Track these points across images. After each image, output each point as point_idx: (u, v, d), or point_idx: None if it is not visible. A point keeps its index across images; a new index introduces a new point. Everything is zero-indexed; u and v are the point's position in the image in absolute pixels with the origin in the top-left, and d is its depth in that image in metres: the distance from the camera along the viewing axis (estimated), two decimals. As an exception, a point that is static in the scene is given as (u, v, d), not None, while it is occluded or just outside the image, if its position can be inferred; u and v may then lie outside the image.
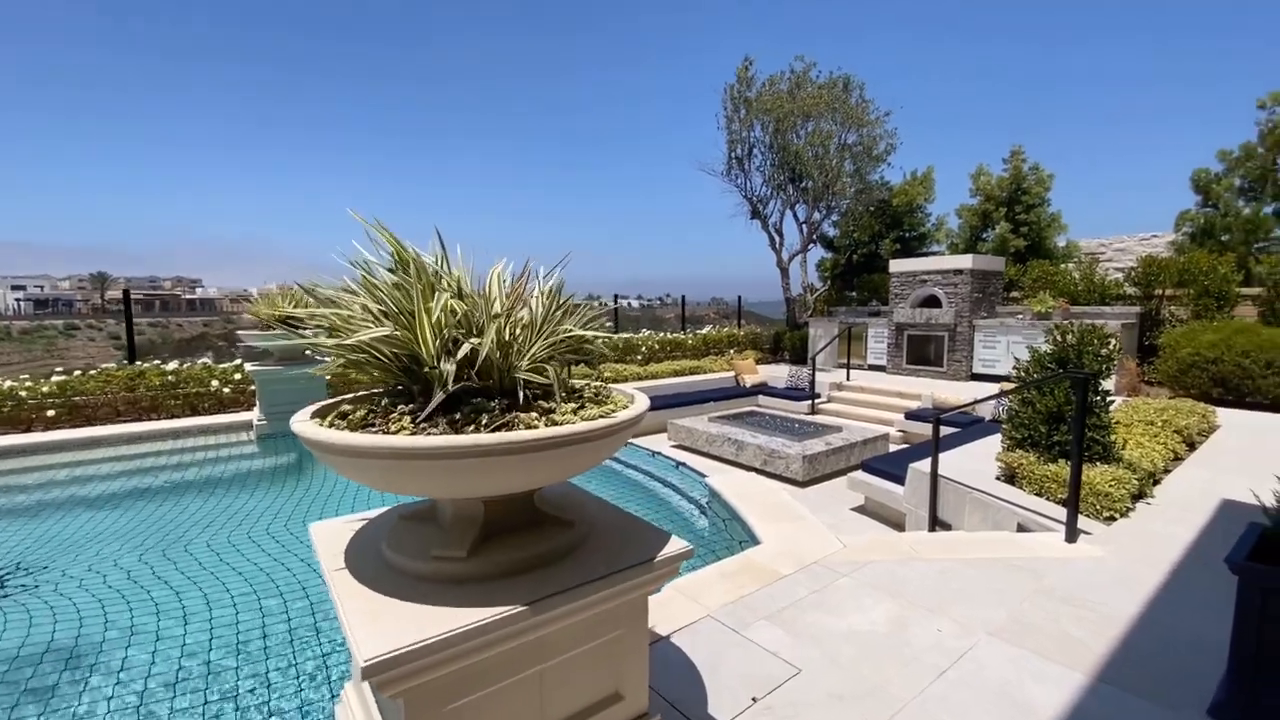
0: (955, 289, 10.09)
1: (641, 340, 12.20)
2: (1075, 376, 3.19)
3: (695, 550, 1.72)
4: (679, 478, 5.50)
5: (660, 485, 5.57)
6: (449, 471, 1.29)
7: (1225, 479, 4.50)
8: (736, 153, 12.54)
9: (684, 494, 5.24)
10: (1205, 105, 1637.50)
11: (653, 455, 6.10)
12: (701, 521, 4.47)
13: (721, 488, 4.45)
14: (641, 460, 6.18)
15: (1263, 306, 8.30)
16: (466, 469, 1.28)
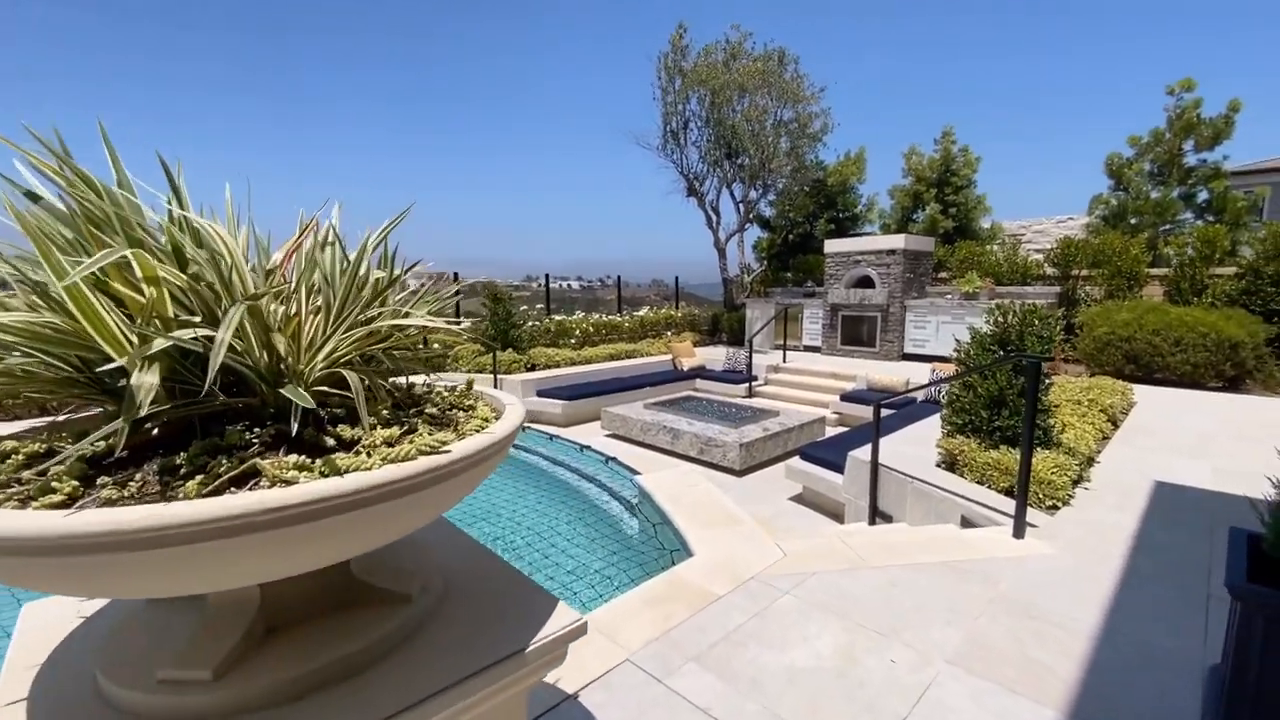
0: (888, 269, 10.09)
1: (575, 323, 11.61)
2: (1027, 361, 2.93)
3: (587, 625, 1.24)
4: (609, 475, 5.04)
5: (589, 484, 5.10)
6: (133, 568, 0.74)
7: (1153, 459, 4.50)
8: (672, 126, 12.04)
9: (614, 494, 4.79)
10: (1121, 90, 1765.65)
11: (581, 450, 5.61)
12: (632, 525, 4.04)
13: (653, 488, 4.02)
14: (570, 456, 5.69)
15: (1169, 286, 8.71)
16: (166, 562, 0.74)
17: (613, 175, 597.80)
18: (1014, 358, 3.17)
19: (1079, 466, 3.89)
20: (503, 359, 8.96)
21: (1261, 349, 7.25)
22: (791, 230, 13.96)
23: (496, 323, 9.43)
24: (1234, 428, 5.46)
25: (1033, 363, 2.96)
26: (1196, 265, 8.42)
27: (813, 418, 7.17)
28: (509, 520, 4.20)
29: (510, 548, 3.74)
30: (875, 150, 15.42)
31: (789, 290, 13.13)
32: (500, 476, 5.32)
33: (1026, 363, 2.96)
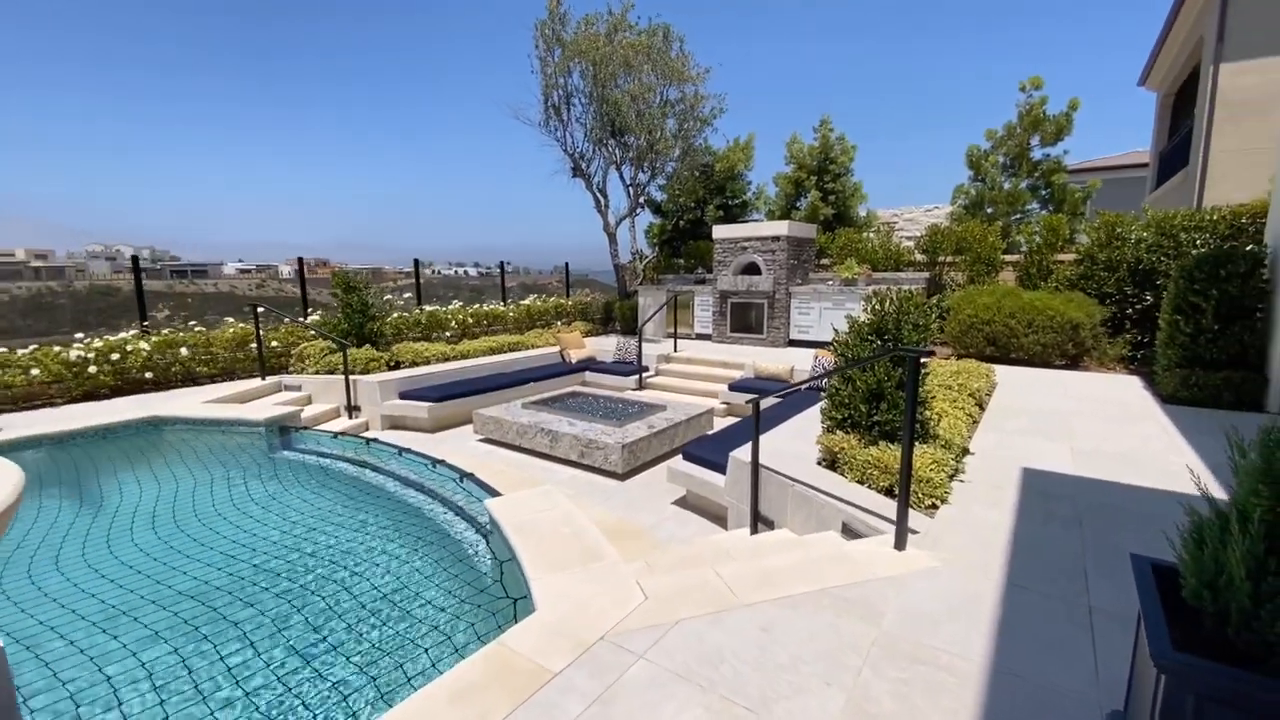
0: (773, 256, 10.05)
1: (451, 314, 10.57)
2: (907, 355, 2.62)
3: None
4: (466, 497, 4.32)
5: (441, 508, 4.35)
6: None
7: (1018, 442, 4.54)
8: (553, 100, 11.22)
9: (470, 519, 4.09)
10: (984, 84, 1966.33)
11: (433, 466, 4.82)
12: (485, 562, 3.37)
13: (503, 515, 3.38)
14: (425, 474, 4.88)
15: (1020, 271, 9.34)
16: None
17: (510, 155, 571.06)
18: (893, 351, 2.87)
19: (955, 460, 3.76)
20: (357, 357, 7.82)
21: (1097, 329, 7.89)
22: (682, 216, 13.70)
23: (350, 316, 8.23)
24: (1082, 405, 5.76)
25: (911, 356, 2.64)
26: (1043, 252, 9.08)
27: (701, 410, 6.85)
28: (323, 570, 3.37)
29: (312, 612, 2.94)
30: (763, 139, 15.53)
31: (681, 277, 12.87)
32: (330, 504, 4.42)
33: (907, 357, 2.64)
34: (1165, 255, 7.90)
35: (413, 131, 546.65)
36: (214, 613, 2.91)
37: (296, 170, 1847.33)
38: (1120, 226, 8.35)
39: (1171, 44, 13.59)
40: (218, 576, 3.28)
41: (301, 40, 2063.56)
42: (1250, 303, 5.60)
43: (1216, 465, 4.02)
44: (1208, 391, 5.66)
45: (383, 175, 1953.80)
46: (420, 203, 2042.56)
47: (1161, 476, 3.82)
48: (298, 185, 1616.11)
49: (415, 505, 4.44)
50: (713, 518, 4.74)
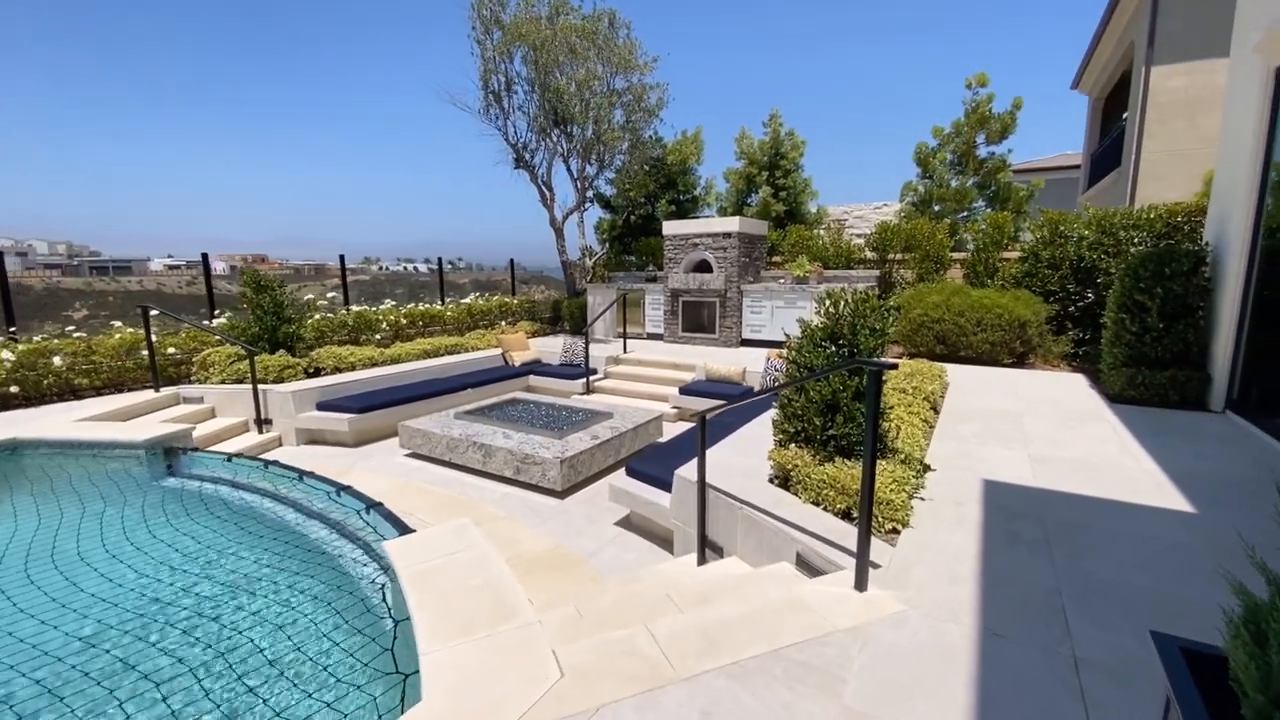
0: (725, 253, 9.74)
1: (382, 314, 9.79)
2: (868, 367, 2.25)
3: None
4: (375, 533, 3.74)
5: (346, 546, 3.76)
6: None
7: (976, 451, 4.31)
8: (493, 86, 10.56)
9: (377, 558, 3.53)
10: (932, 80, 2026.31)
11: (337, 494, 4.21)
12: (383, 622, 2.83)
13: (403, 562, 2.85)
14: (329, 504, 4.26)
15: (967, 269, 9.33)
16: None
17: (464, 145, 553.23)
18: (852, 363, 2.50)
19: (916, 476, 3.46)
20: (269, 363, 7.04)
21: (1042, 327, 7.91)
22: (633, 211, 13.26)
23: (262, 318, 7.42)
24: (1033, 406, 5.64)
25: (873, 370, 2.28)
26: (989, 250, 9.09)
27: (649, 417, 6.44)
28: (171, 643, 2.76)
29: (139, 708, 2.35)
30: (713, 133, 15.24)
31: (632, 274, 12.45)
32: (204, 548, 3.76)
33: (868, 370, 2.27)
34: (1106, 253, 7.99)
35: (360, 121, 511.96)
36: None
37: (235, 162, 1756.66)
38: (1063, 224, 8.40)
39: (1103, 49, 14.04)
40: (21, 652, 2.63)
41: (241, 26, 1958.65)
42: (1193, 301, 5.59)
43: (1174, 471, 3.87)
44: (1154, 390, 5.63)
45: (328, 167, 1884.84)
46: (370, 196, 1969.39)
47: (1121, 485, 3.64)
48: (237, 178, 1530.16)
49: (314, 544, 3.83)
50: (660, 540, 4.33)
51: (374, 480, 5.65)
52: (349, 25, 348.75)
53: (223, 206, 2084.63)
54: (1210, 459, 4.13)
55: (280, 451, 6.68)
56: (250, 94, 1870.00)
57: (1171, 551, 2.82)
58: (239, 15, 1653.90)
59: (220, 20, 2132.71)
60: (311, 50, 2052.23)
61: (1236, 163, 5.32)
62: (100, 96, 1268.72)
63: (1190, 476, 3.79)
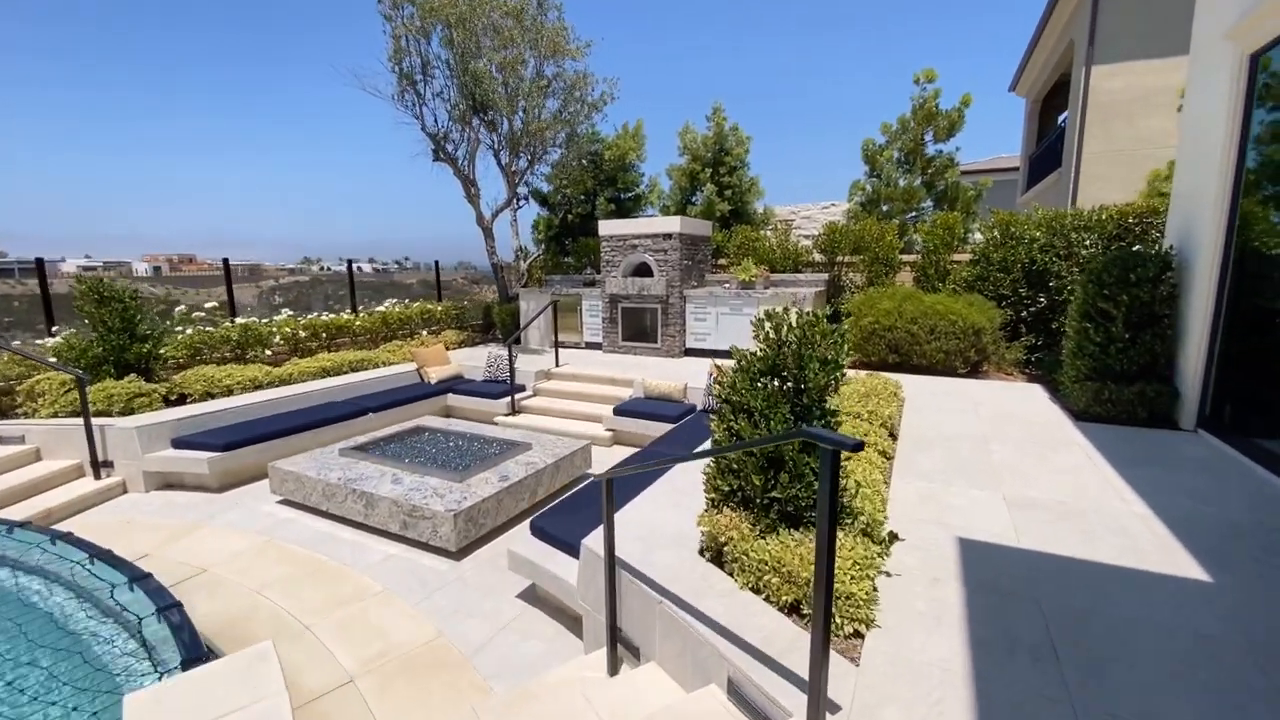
0: (665, 255, 8.97)
1: (276, 327, 8.53)
2: (820, 443, 1.47)
3: None
4: (150, 656, 2.72)
5: (146, 666, 2.72)
6: None
7: (944, 494, 3.65)
8: (406, 68, 9.43)
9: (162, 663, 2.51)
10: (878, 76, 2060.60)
11: (131, 587, 3.15)
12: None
13: None
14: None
15: (917, 272, 8.89)
16: None
17: (409, 140, 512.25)
18: (798, 435, 1.70)
19: (881, 551, 2.72)
20: (115, 391, 5.79)
21: (997, 334, 7.49)
22: (571, 209, 12.34)
23: (106, 336, 6.13)
24: (997, 427, 5.09)
25: (830, 450, 1.49)
26: (940, 252, 8.66)
27: (576, 447, 5.57)
28: None
29: None
30: (658, 128, 14.50)
31: (569, 278, 11.54)
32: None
33: (821, 448, 1.48)
34: (1057, 255, 7.64)
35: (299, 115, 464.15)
36: None
37: (165, 157, 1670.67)
38: (1014, 225, 8.03)
39: (1041, 49, 14.05)
40: None
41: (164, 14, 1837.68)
42: (1160, 309, 5.16)
43: (1169, 516, 3.30)
44: (1121, 407, 5.17)
45: (265, 162, 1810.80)
46: (312, 193, 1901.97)
47: (1118, 540, 3.02)
48: (165, 173, 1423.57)
49: (96, 661, 2.78)
50: (573, 622, 3.47)
51: (226, 540, 4.58)
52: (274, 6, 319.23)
53: (150, 203, 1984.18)
54: (1201, 497, 3.59)
55: (122, 501, 5.48)
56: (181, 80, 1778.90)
57: (1201, 652, 2.18)
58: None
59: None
60: (233, 35, 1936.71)
61: (1204, 161, 4.89)
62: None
63: (1188, 523, 3.23)
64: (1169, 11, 9.73)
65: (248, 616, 3.61)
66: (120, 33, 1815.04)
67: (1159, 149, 10.26)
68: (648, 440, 6.35)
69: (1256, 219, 4.45)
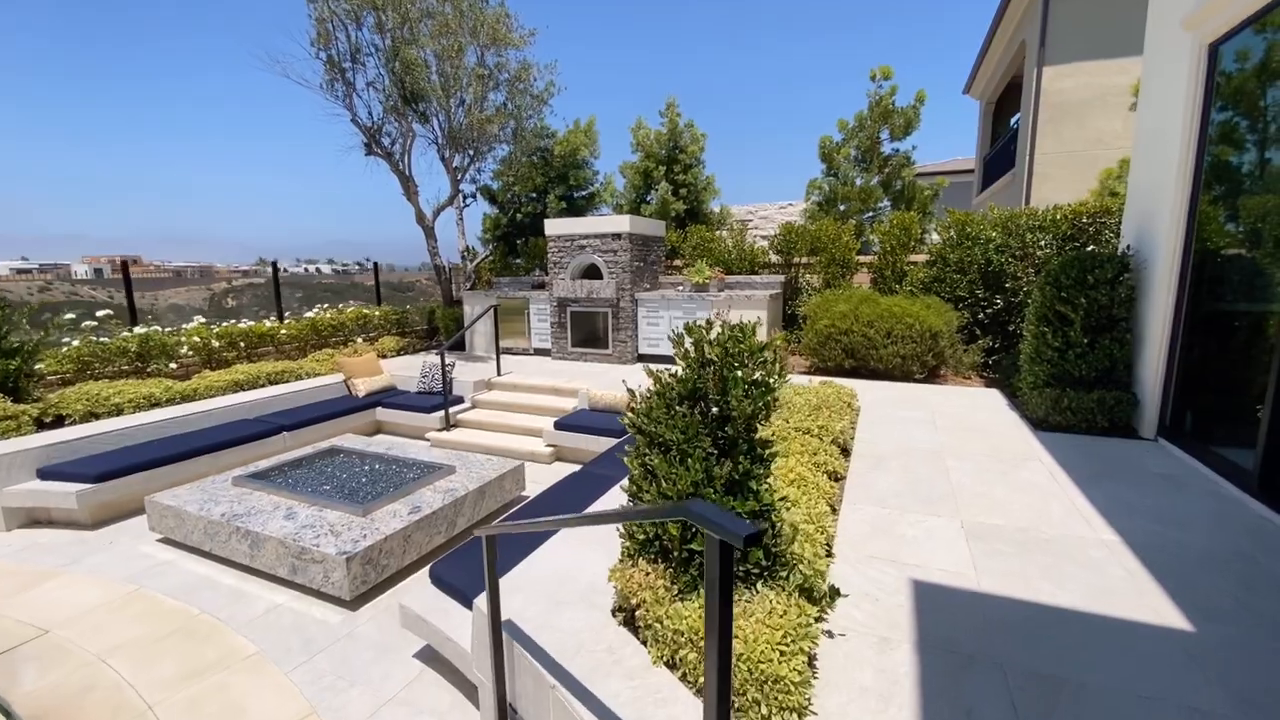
0: (615, 256, 8.50)
1: (184, 336, 7.74)
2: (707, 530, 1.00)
3: None
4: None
5: None
6: None
7: (899, 525, 3.27)
8: (333, 54, 8.72)
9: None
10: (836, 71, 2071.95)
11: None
12: None
13: None
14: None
15: (874, 273, 8.64)
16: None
17: None
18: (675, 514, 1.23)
19: (821, 607, 2.30)
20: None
21: (954, 337, 7.26)
22: (520, 208, 11.75)
23: (-40, 352, 5.33)
24: (954, 439, 4.78)
25: (718, 541, 1.03)
26: (896, 252, 8.42)
27: (506, 469, 5.05)
28: None
29: None
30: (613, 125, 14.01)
31: (519, 279, 10.96)
32: None
33: (708, 537, 1.02)
34: (1013, 256, 7.46)
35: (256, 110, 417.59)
36: None
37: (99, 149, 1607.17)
38: (970, 225, 7.83)
39: (994, 51, 14.12)
40: None
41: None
42: (1119, 312, 4.93)
43: (1140, 545, 2.99)
44: (1081, 415, 4.92)
45: (219, 158, 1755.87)
46: (271, 191, 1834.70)
47: (1088, 577, 2.68)
48: (104, 168, 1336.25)
49: None
50: (472, 688, 2.95)
51: (82, 591, 3.91)
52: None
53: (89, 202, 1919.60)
54: (1169, 519, 3.31)
55: (-29, 543, 4.71)
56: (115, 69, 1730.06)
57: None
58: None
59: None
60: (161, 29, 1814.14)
61: (1161, 156, 4.68)
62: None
63: (1159, 552, 2.92)
64: (1119, 13, 9.76)
65: (82, 695, 2.99)
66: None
67: (1110, 149, 10.30)
68: (591, 456, 5.87)
69: (1211, 219, 4.23)
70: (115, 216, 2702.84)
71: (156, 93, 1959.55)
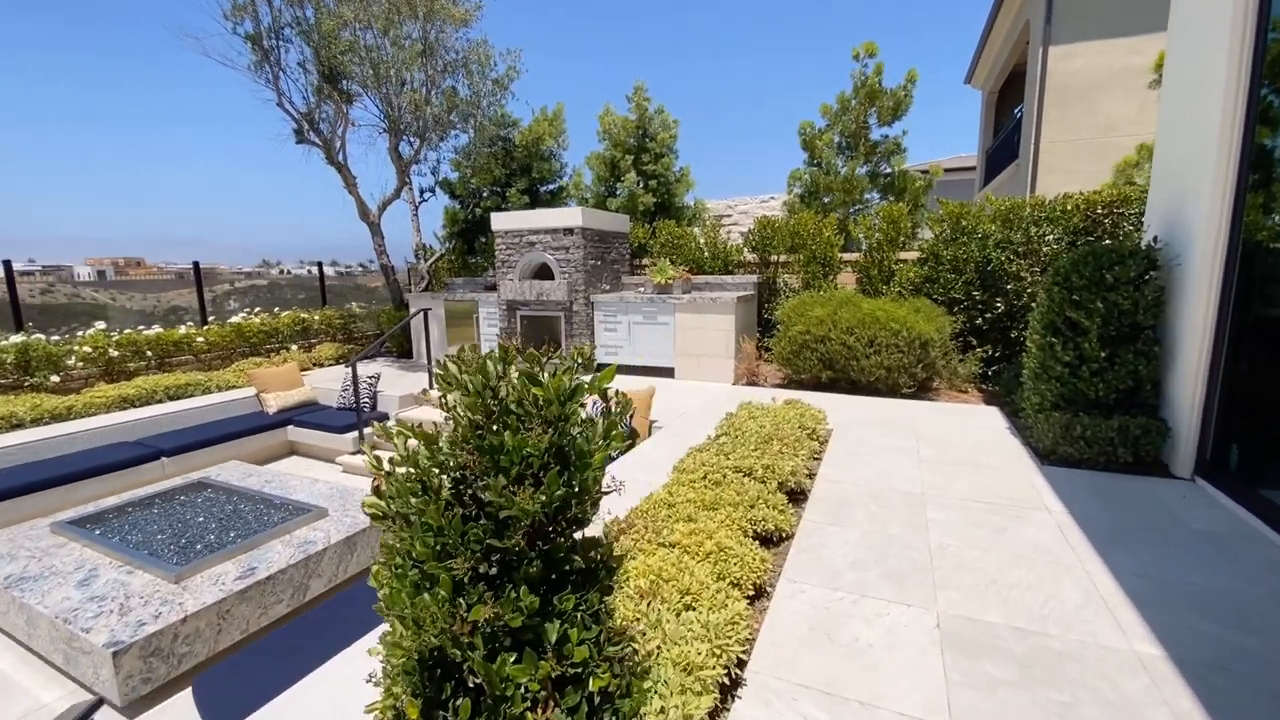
0: (567, 254, 7.58)
1: (76, 345, 6.85)
2: None
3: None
4: None
5: None
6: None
7: (851, 620, 2.32)
8: (250, 29, 7.83)
9: None
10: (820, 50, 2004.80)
11: None
12: None
13: None
14: None
15: (859, 272, 7.71)
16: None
17: None
18: None
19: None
20: None
21: (947, 345, 6.33)
22: (479, 202, 10.86)
23: None
24: (941, 478, 3.85)
25: None
26: (884, 249, 7.49)
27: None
28: None
29: None
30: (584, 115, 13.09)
31: (472, 280, 10.07)
32: None
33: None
34: (1015, 253, 6.52)
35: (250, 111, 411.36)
36: None
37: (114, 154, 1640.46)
38: (965, 218, 6.89)
39: (996, 36, 13.17)
40: None
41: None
42: (1144, 318, 4.00)
43: (1193, 661, 2.06)
44: (1098, 446, 3.98)
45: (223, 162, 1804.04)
46: (274, 192, 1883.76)
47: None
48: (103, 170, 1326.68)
49: None
50: None
51: None
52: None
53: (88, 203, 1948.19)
54: (1227, 612, 2.37)
55: None
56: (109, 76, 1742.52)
57: None
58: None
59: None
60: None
61: (1198, 123, 3.74)
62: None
63: (1224, 679, 1.99)
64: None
65: None
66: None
67: (1123, 136, 9.34)
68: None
69: (1265, 201, 3.30)
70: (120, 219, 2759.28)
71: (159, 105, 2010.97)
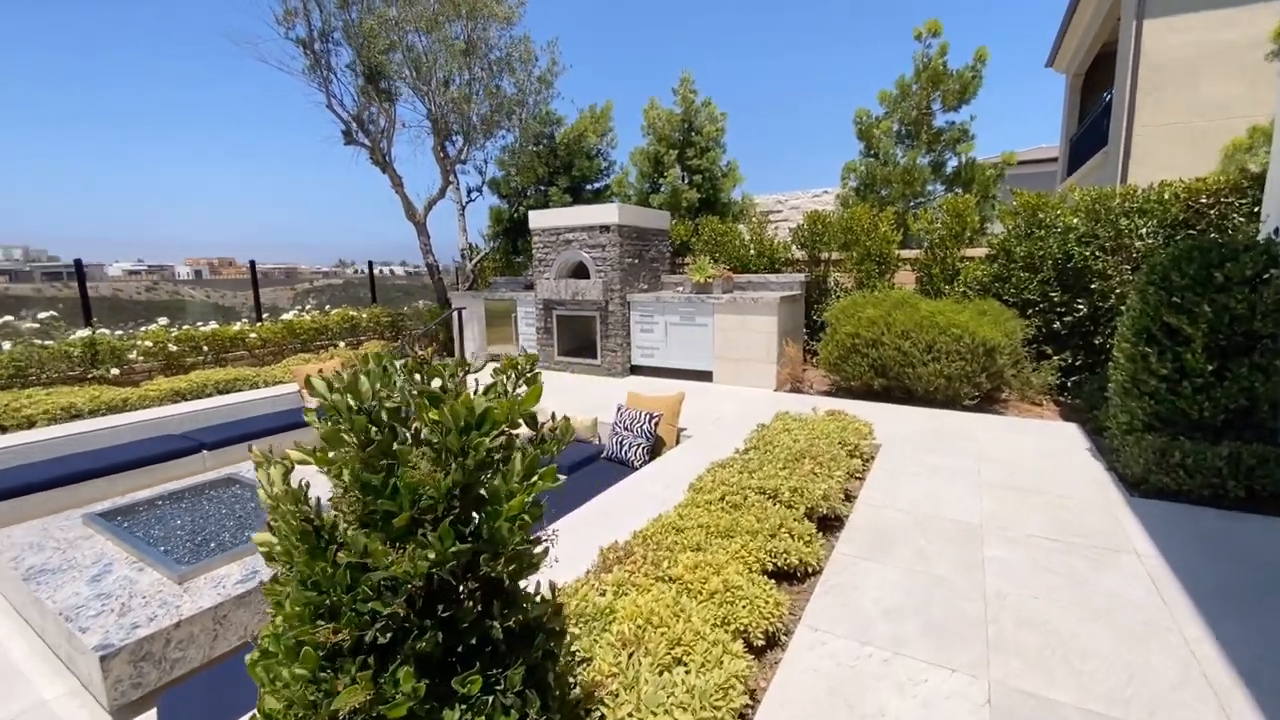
0: (603, 252, 7.35)
1: (138, 339, 7.21)
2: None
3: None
4: None
5: None
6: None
7: (882, 676, 1.93)
8: (301, 33, 8.03)
9: None
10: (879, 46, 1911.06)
11: None
12: None
13: None
14: None
15: (920, 270, 7.08)
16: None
17: None
18: None
19: None
20: None
21: (1018, 352, 5.68)
22: (522, 200, 10.82)
23: None
24: (1005, 509, 3.34)
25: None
26: (948, 245, 6.84)
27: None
28: None
29: None
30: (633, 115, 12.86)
31: (514, 279, 10.03)
32: None
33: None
34: (1102, 249, 5.77)
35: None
36: None
37: (202, 158, 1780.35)
38: (1043, 211, 6.18)
39: (1082, 13, 11.98)
40: None
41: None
42: (1262, 325, 3.34)
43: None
44: (1201, 478, 3.36)
45: (304, 165, 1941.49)
46: (350, 195, 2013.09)
47: None
48: (205, 176, 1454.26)
49: None
50: None
51: None
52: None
53: (193, 207, 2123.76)
54: (1392, 708, 1.83)
55: None
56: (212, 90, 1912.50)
57: None
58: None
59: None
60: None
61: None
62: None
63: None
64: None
65: None
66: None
67: (1229, 118, 8.21)
68: (533, 496, 4.75)
69: None
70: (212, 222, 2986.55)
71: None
